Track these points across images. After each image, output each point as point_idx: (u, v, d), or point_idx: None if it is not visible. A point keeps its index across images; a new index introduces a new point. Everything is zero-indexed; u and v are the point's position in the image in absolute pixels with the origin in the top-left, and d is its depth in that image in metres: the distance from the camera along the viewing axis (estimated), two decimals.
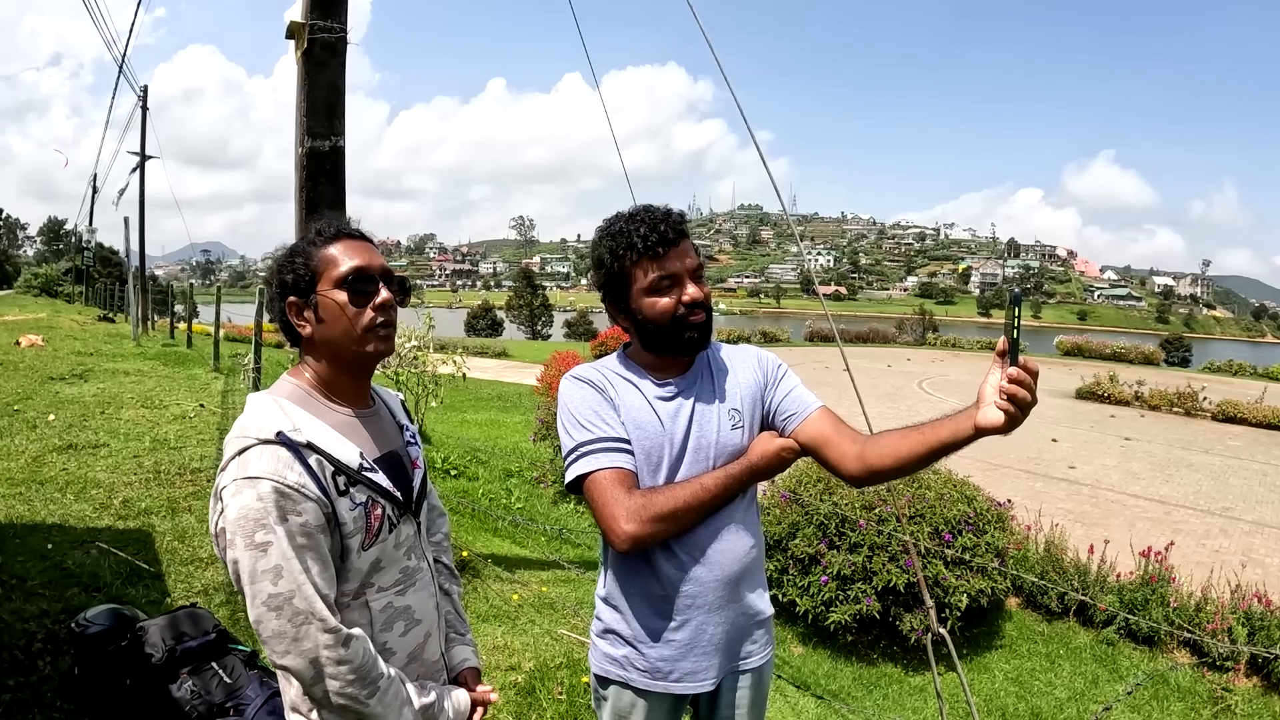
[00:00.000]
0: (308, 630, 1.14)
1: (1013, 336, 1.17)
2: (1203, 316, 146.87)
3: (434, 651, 1.40)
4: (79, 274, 34.73)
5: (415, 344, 9.37)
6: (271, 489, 1.13)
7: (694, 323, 1.51)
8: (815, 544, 4.74)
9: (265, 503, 1.13)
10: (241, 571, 1.14)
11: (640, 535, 1.42)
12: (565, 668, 3.23)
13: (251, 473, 1.14)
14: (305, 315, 1.28)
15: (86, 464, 4.98)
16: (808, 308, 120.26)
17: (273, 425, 1.18)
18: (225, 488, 1.16)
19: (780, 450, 1.53)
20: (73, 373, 8.46)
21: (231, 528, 1.13)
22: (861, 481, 1.51)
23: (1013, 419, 1.19)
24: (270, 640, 1.15)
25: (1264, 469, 10.68)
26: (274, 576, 1.12)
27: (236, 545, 1.13)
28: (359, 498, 1.23)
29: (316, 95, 3.75)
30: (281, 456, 1.16)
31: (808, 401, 1.60)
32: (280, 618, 1.13)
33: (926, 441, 1.36)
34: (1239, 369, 26.77)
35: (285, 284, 1.29)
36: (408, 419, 1.48)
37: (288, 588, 1.12)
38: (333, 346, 1.29)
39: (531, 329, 52.08)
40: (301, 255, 1.30)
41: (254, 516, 1.12)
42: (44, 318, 17.00)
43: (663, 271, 1.49)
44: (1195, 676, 4.57)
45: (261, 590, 1.13)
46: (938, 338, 36.78)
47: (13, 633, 2.80)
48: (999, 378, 1.21)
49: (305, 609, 1.13)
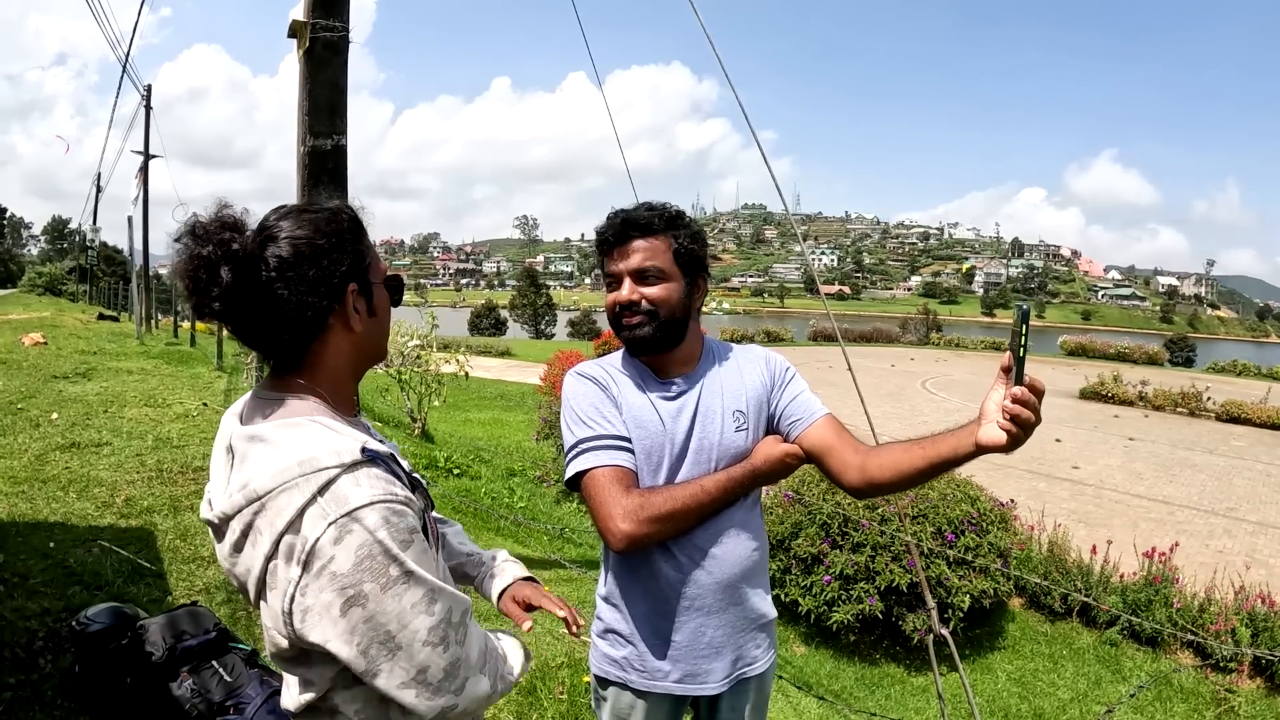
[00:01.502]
0: (479, 643, 1.02)
1: (1019, 353, 1.13)
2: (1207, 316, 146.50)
3: None
4: (83, 273, 34.82)
5: (418, 343, 9.39)
6: (386, 513, 0.92)
7: (627, 323, 1.50)
8: (818, 543, 4.73)
9: (387, 530, 0.91)
10: (384, 623, 0.91)
11: (636, 535, 1.39)
12: (566, 667, 3.22)
13: (354, 504, 0.90)
14: (359, 307, 1.06)
15: (89, 462, 4.99)
16: (811, 307, 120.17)
17: (345, 445, 0.95)
18: (318, 541, 0.89)
19: (784, 455, 1.51)
20: (76, 371, 8.48)
21: (351, 580, 0.89)
22: (861, 493, 1.49)
23: (1015, 439, 1.17)
24: (441, 683, 0.96)
25: (1268, 469, 10.64)
26: (427, 604, 0.94)
27: (367, 598, 0.90)
28: (419, 503, 1.06)
29: (318, 94, 3.74)
30: (380, 475, 0.95)
31: (814, 408, 1.58)
32: (447, 649, 0.96)
33: (927, 456, 1.34)
34: (1243, 369, 26.70)
35: (344, 269, 1.02)
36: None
37: (444, 607, 0.96)
38: (374, 348, 1.11)
39: (535, 328, 52.11)
40: (356, 235, 1.07)
41: (378, 553, 0.90)
42: (48, 316, 17.04)
43: (607, 269, 1.53)
44: (1198, 678, 4.55)
45: (419, 629, 0.93)
46: (941, 337, 36.73)
47: (14, 631, 2.80)
48: (1002, 395, 1.18)
49: (467, 622, 1.00)
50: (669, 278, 1.50)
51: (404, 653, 0.92)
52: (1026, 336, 1.13)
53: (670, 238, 1.51)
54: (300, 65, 3.75)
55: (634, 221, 1.50)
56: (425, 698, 0.95)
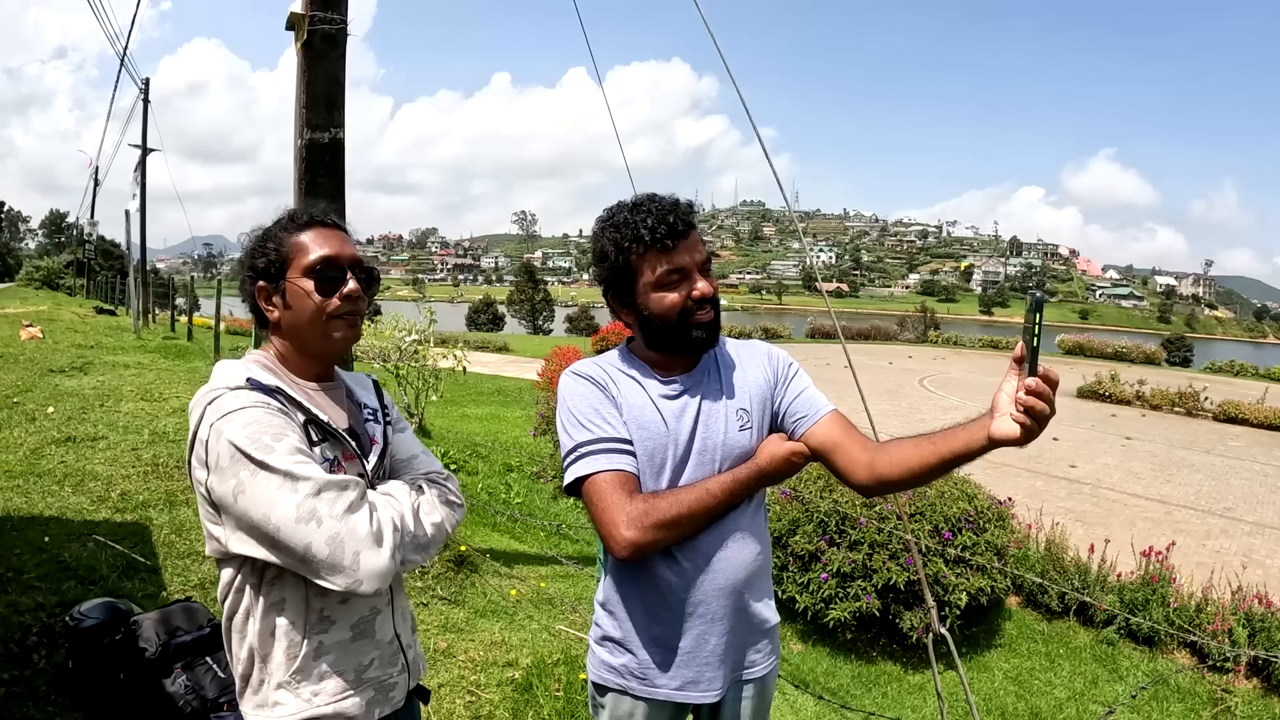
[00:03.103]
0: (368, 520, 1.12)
1: (1032, 344, 1.11)
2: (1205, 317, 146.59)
3: (385, 631, 1.32)
4: (80, 267, 34.68)
5: (416, 338, 9.37)
6: (260, 411, 1.14)
7: (701, 320, 1.44)
8: (815, 541, 4.73)
9: (244, 432, 1.10)
10: (259, 507, 1.08)
11: (642, 543, 1.35)
12: (563, 664, 3.21)
13: (229, 409, 1.13)
14: (274, 301, 1.28)
15: (85, 457, 4.97)
16: (809, 304, 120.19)
17: (240, 376, 1.21)
18: (206, 439, 1.13)
19: (790, 454, 1.46)
20: (73, 365, 8.44)
21: (231, 471, 1.09)
22: (870, 491, 1.46)
23: (1029, 432, 1.13)
24: (330, 559, 1.09)
25: (1265, 470, 10.66)
26: (289, 488, 1.08)
27: (243, 486, 1.09)
28: (328, 454, 1.23)
29: (316, 87, 3.72)
30: (255, 395, 1.17)
31: (819, 404, 1.54)
32: (320, 525, 1.08)
33: (939, 452, 1.30)
34: (1241, 369, 26.73)
35: (256, 269, 1.29)
36: (375, 399, 1.44)
37: (311, 487, 1.09)
38: (298, 334, 1.29)
39: (533, 324, 52.12)
40: (273, 240, 1.29)
41: (238, 451, 1.09)
42: (45, 310, 16.98)
43: (671, 265, 1.42)
44: (1195, 678, 4.55)
45: (288, 508, 1.08)
46: (939, 335, 36.72)
47: (8, 626, 2.78)
48: (1015, 387, 1.15)
49: (346, 500, 1.11)
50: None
51: (285, 534, 1.07)
52: (1040, 326, 1.10)
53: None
54: (298, 58, 3.73)
55: (689, 212, 1.45)
56: (324, 573, 1.09)
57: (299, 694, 1.21)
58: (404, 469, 1.41)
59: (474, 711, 2.86)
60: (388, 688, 1.32)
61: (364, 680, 1.27)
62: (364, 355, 9.28)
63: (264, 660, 1.21)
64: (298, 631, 1.20)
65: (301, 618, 1.20)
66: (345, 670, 1.25)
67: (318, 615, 1.22)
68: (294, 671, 1.20)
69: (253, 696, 1.23)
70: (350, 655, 1.26)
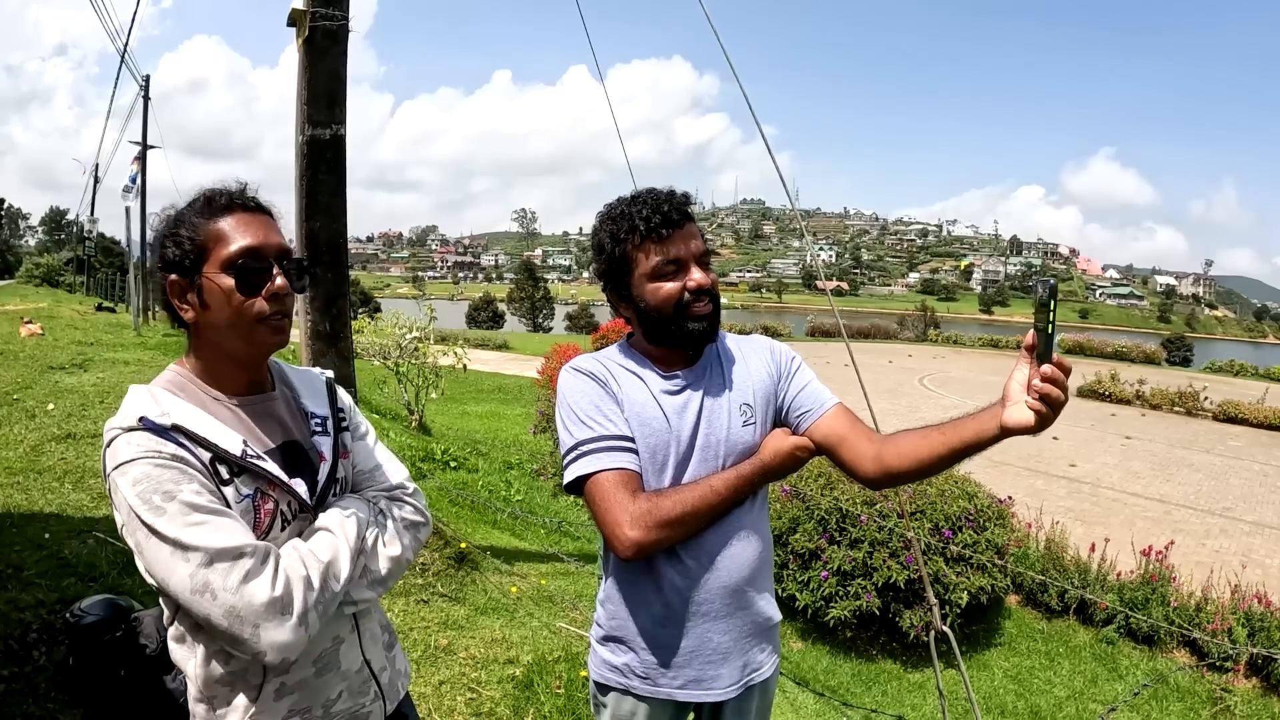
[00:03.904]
0: (268, 589, 1.00)
1: (1046, 330, 1.10)
2: (1205, 316, 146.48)
3: (352, 660, 1.23)
4: (80, 264, 34.69)
5: (416, 335, 9.38)
6: (149, 465, 1.00)
7: (699, 312, 1.41)
8: (816, 539, 4.73)
9: (134, 490, 0.99)
10: (156, 570, 0.99)
11: (646, 542, 1.33)
12: (564, 661, 3.21)
13: (121, 459, 1.01)
14: (188, 298, 1.11)
15: (85, 453, 4.96)
16: (809, 303, 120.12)
17: (136, 413, 1.05)
18: (109, 487, 1.03)
19: (794, 449, 1.43)
20: (72, 362, 8.43)
21: (130, 528, 1.00)
22: (878, 483, 1.43)
23: (1044, 419, 1.11)
24: (231, 629, 0.99)
25: (1264, 470, 10.67)
26: (178, 559, 0.98)
27: (141, 547, 0.99)
28: (244, 489, 1.09)
29: (317, 83, 3.72)
30: (147, 440, 1.03)
31: (823, 398, 1.52)
32: (215, 598, 0.98)
33: (948, 442, 1.28)
34: (1240, 369, 26.74)
35: (166, 259, 1.11)
36: (325, 404, 1.29)
37: (202, 558, 0.98)
38: (217, 336, 1.13)
39: (533, 321, 52.08)
40: (186, 227, 1.11)
41: (132, 511, 0.99)
42: (45, 307, 16.97)
43: (666, 255, 1.40)
44: (1195, 677, 4.56)
45: (182, 578, 0.98)
46: (939, 334, 36.74)
47: (8, 622, 2.78)
48: (1026, 375, 1.14)
49: (241, 569, 0.99)
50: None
51: (184, 601, 0.99)
52: (1054, 313, 1.10)
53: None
54: (299, 54, 3.73)
55: (685, 203, 1.43)
56: (229, 645, 1.02)
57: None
58: (365, 481, 1.31)
59: (474, 708, 2.86)
60: (360, 718, 1.24)
61: (332, 714, 1.20)
62: (364, 352, 9.28)
63: (216, 703, 1.12)
64: (255, 675, 1.11)
65: (257, 662, 1.08)
66: (311, 707, 1.17)
67: None
68: (255, 713, 1.12)
69: None
70: (316, 692, 1.17)
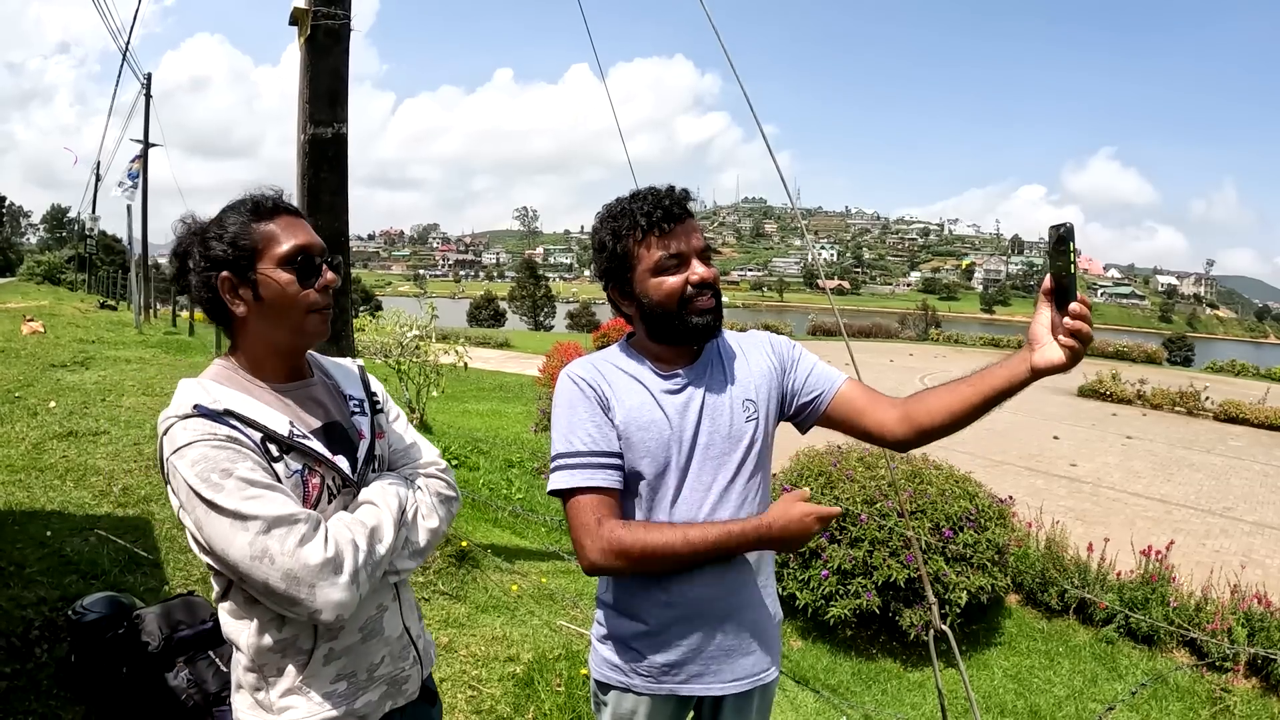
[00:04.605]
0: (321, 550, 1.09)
1: (1070, 270, 1.14)
2: (1206, 316, 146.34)
3: (394, 626, 1.32)
4: (82, 262, 34.70)
5: (418, 333, 9.37)
6: (206, 447, 1.09)
7: (702, 307, 1.41)
8: (816, 538, 4.73)
9: (193, 470, 1.08)
10: (214, 544, 1.07)
11: (603, 567, 1.38)
12: (564, 659, 3.22)
13: (180, 444, 1.10)
14: (241, 293, 1.21)
15: (86, 451, 4.97)
16: (810, 301, 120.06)
17: (190, 401, 1.14)
18: (167, 472, 1.12)
19: (804, 515, 1.36)
20: (74, 360, 8.45)
21: (188, 507, 1.09)
22: (908, 444, 1.45)
23: (1075, 355, 1.17)
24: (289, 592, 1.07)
25: (1265, 470, 10.65)
26: (237, 528, 1.06)
27: (200, 524, 1.08)
28: (293, 465, 1.18)
29: (319, 82, 3.72)
30: (202, 424, 1.12)
31: (833, 375, 1.53)
32: (274, 562, 1.06)
33: (980, 391, 1.31)
34: (1241, 369, 26.68)
35: (216, 258, 1.20)
36: (362, 389, 1.39)
37: (260, 526, 1.07)
38: (270, 328, 1.22)
39: (534, 320, 52.06)
40: (237, 229, 1.21)
41: (190, 489, 1.08)
42: (46, 305, 16.99)
43: (668, 250, 1.40)
44: (1194, 677, 4.56)
45: (241, 548, 1.06)
46: (940, 333, 36.71)
47: (10, 620, 2.79)
48: (1048, 318, 1.18)
49: (298, 534, 1.08)
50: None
51: (244, 570, 1.07)
52: (1075, 254, 1.14)
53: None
54: (301, 52, 3.73)
55: (686, 199, 1.44)
56: (285, 607, 1.10)
57: (310, 698, 1.21)
58: (401, 459, 1.40)
59: (475, 706, 2.87)
60: (400, 681, 1.33)
61: (375, 678, 1.28)
62: (366, 350, 9.29)
63: (268, 669, 1.21)
64: (306, 641, 1.20)
65: (308, 629, 1.19)
66: (357, 671, 1.25)
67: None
68: (304, 679, 1.20)
69: (252, 698, 1.23)
70: (361, 657, 1.26)
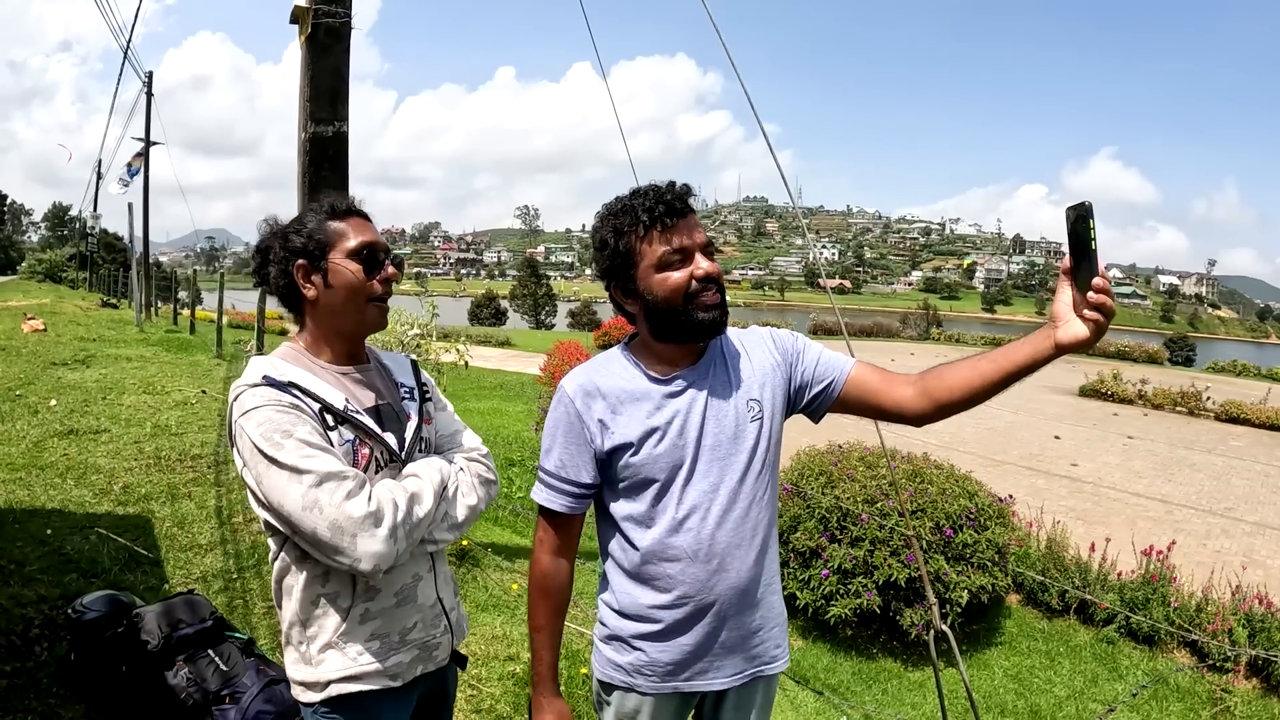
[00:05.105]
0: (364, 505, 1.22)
1: (1091, 247, 1.15)
2: (1207, 316, 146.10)
3: (428, 595, 1.43)
4: (83, 260, 34.68)
5: (418, 332, 9.36)
6: (271, 411, 1.24)
7: (708, 301, 1.37)
8: (816, 537, 4.73)
9: (258, 429, 1.23)
10: (272, 495, 1.21)
11: (534, 587, 1.53)
12: (564, 659, 3.21)
13: (248, 407, 1.25)
14: (313, 279, 1.37)
15: (87, 449, 4.98)
16: (812, 300, 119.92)
17: (260, 373, 1.31)
18: (234, 434, 1.27)
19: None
20: (75, 358, 8.46)
21: (250, 463, 1.23)
22: (927, 418, 1.43)
23: (1100, 329, 1.18)
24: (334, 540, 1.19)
25: (1266, 470, 10.64)
26: (293, 481, 1.19)
27: (261, 477, 1.22)
28: (346, 435, 1.32)
29: (320, 80, 3.71)
30: (270, 392, 1.28)
31: (841, 361, 1.51)
32: (322, 512, 1.19)
33: (1001, 368, 1.31)
34: (1243, 369, 26.65)
35: (295, 248, 1.37)
36: (413, 379, 1.53)
37: (313, 480, 1.20)
38: (336, 311, 1.38)
39: (535, 318, 52.05)
40: (315, 224, 1.38)
41: (254, 446, 1.22)
42: (47, 303, 16.99)
43: (671, 245, 1.37)
44: (1195, 677, 4.55)
45: (295, 498, 1.19)
46: (941, 333, 36.73)
47: (10, 618, 2.79)
48: (1070, 297, 1.20)
49: (345, 490, 1.21)
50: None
51: (295, 519, 1.20)
52: (1095, 230, 1.15)
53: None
54: (302, 51, 3.72)
55: (688, 194, 1.42)
56: (330, 555, 1.21)
57: (345, 653, 1.33)
58: (447, 444, 1.54)
59: (475, 705, 2.87)
60: (431, 647, 1.45)
61: (407, 641, 1.40)
62: None
63: (310, 623, 1.34)
64: (345, 599, 1.33)
65: (348, 587, 1.33)
66: (390, 633, 1.37)
67: (364, 585, 1.33)
68: (341, 634, 1.33)
69: (297, 652, 1.36)
70: (394, 619, 1.38)
